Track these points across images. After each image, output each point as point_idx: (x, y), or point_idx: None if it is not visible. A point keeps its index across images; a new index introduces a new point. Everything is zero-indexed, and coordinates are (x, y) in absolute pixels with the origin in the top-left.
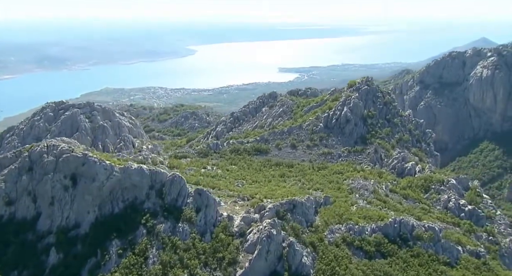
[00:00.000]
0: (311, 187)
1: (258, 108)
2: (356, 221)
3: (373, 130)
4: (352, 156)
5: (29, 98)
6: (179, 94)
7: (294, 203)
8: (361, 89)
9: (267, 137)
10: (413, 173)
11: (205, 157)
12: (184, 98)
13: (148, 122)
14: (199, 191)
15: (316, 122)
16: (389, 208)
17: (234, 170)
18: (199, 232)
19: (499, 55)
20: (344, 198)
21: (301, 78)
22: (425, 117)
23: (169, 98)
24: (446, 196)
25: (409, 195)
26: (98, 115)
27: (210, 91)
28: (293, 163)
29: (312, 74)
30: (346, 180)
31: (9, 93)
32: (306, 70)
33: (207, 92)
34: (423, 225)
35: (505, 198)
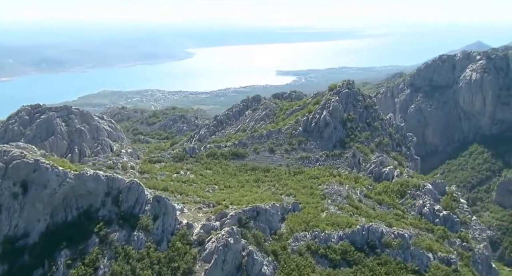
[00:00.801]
0: (284, 193)
1: (242, 111)
2: (323, 228)
3: (353, 134)
4: (330, 161)
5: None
6: (177, 96)
7: (258, 210)
8: (342, 93)
9: (245, 141)
10: (390, 177)
11: (180, 162)
12: (182, 101)
13: (137, 125)
14: (158, 198)
15: (295, 126)
16: (360, 214)
17: (208, 175)
18: (155, 241)
19: (488, 59)
20: (315, 204)
21: (298, 81)
22: (416, 120)
23: (166, 100)
24: (421, 201)
25: (383, 200)
26: (76, 119)
27: (207, 93)
28: (270, 168)
29: (310, 77)
30: (321, 185)
31: (6, 95)
32: (303, 73)
33: (205, 94)
34: (393, 232)
35: (493, 201)
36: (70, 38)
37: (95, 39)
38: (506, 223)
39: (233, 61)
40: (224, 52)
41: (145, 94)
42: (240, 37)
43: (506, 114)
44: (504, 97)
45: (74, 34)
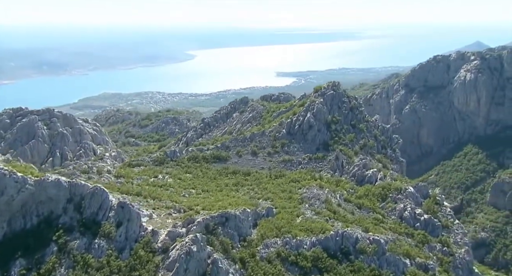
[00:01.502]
0: (261, 197)
1: (229, 113)
2: (295, 234)
3: (337, 136)
4: (312, 163)
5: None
6: (177, 98)
7: (227, 216)
8: (326, 94)
9: (228, 144)
10: (373, 180)
11: (160, 166)
12: (181, 103)
13: (129, 128)
14: (122, 204)
15: (279, 129)
16: (337, 219)
17: (187, 179)
18: (117, 249)
19: (482, 59)
20: (291, 208)
21: (298, 82)
22: (410, 121)
23: (166, 102)
24: (402, 205)
25: (363, 204)
26: (58, 122)
27: (207, 95)
28: (251, 171)
29: (309, 78)
30: (301, 189)
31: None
32: (303, 74)
33: (204, 96)
34: (368, 238)
35: (487, 202)
36: (71, 41)
37: (95, 41)
38: (500, 225)
39: (233, 62)
40: (224, 54)
41: (145, 96)
42: (240, 38)
43: (501, 115)
44: (499, 97)
45: (75, 37)
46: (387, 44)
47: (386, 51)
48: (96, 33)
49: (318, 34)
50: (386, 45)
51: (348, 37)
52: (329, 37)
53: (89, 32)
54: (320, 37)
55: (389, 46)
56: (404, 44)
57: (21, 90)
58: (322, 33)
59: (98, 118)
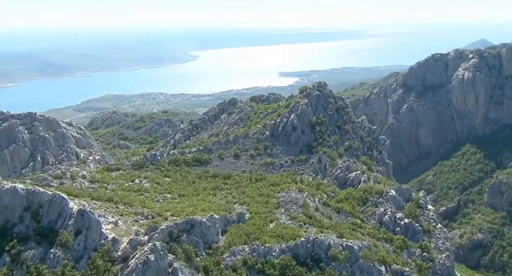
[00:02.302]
0: (238, 201)
1: (217, 115)
2: (264, 241)
3: (321, 138)
4: (295, 166)
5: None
6: (179, 99)
7: (192, 223)
8: (311, 95)
9: (211, 146)
10: (356, 183)
11: (140, 169)
12: (183, 103)
13: (123, 130)
14: (81, 211)
15: (263, 130)
16: (312, 224)
17: (164, 183)
18: (74, 259)
19: (481, 57)
20: (266, 213)
21: (300, 82)
22: (408, 121)
23: (169, 103)
24: (382, 209)
25: (342, 208)
26: (40, 126)
27: (209, 96)
28: (231, 175)
29: (312, 78)
30: (280, 192)
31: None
32: (306, 73)
33: (207, 97)
34: (341, 244)
35: (484, 203)
36: (74, 43)
37: (98, 43)
38: (497, 226)
39: (236, 63)
40: (227, 54)
41: (147, 97)
42: (243, 39)
43: (499, 114)
44: (497, 96)
45: (78, 39)
46: (391, 43)
47: (390, 50)
48: (99, 34)
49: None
50: (390, 44)
51: (351, 36)
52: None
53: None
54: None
55: (392, 45)
56: (408, 43)
57: (24, 92)
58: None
59: (95, 121)
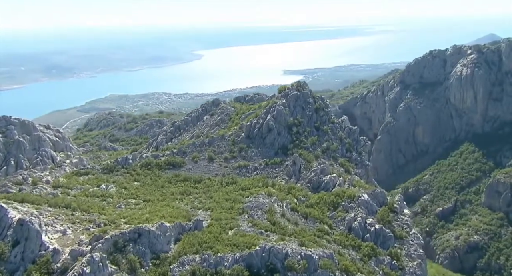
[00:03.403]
0: (202, 207)
1: (200, 116)
2: (217, 250)
3: (298, 139)
4: (268, 169)
5: (35, 106)
6: (182, 99)
7: (140, 232)
8: (290, 95)
9: (185, 149)
10: (330, 187)
11: (109, 173)
12: (187, 103)
13: (114, 131)
14: (21, 221)
15: (238, 132)
16: (274, 231)
17: (132, 188)
18: (9, 271)
19: (479, 53)
20: (228, 220)
21: (305, 79)
22: (405, 119)
23: (172, 103)
24: (352, 214)
25: (310, 214)
26: (15, 129)
27: (213, 95)
28: (202, 178)
29: (317, 76)
30: (249, 197)
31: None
32: (311, 71)
33: (211, 96)
34: (300, 253)
35: (482, 203)
36: (79, 44)
37: (103, 44)
38: (494, 227)
39: (240, 62)
40: (232, 53)
41: (151, 97)
42: (247, 37)
43: (499, 111)
44: (497, 93)
45: (83, 40)
46: (398, 39)
47: (396, 46)
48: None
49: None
50: (397, 40)
51: (358, 33)
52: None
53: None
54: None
55: (399, 41)
56: (415, 38)
57: (30, 94)
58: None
59: (90, 122)
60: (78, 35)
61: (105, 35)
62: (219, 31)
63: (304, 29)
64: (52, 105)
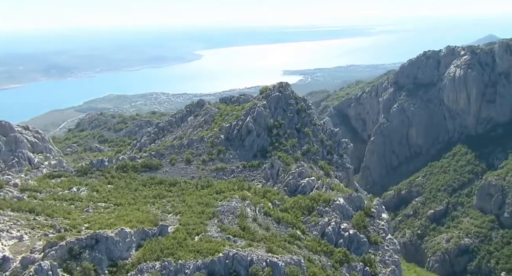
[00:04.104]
0: (173, 211)
1: (185, 117)
2: (178, 257)
3: (277, 141)
4: (246, 172)
5: (33, 106)
6: (181, 99)
7: (97, 238)
8: (271, 96)
9: (163, 151)
10: (308, 190)
11: (83, 176)
12: (185, 103)
13: (103, 132)
14: None
15: (218, 134)
16: (243, 237)
17: (104, 191)
18: None
19: (472, 54)
20: (195, 225)
21: (304, 80)
22: (399, 120)
23: (171, 103)
24: (326, 219)
25: (283, 218)
26: None
27: (212, 95)
28: (178, 181)
29: (316, 76)
30: (222, 201)
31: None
32: (310, 72)
33: (209, 96)
34: (266, 259)
35: (474, 206)
36: (78, 44)
37: (102, 44)
38: (485, 230)
39: (240, 61)
40: (232, 53)
41: (149, 97)
42: (247, 37)
43: (492, 113)
44: (490, 94)
45: (82, 40)
46: (398, 39)
47: (396, 46)
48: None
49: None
50: (397, 40)
51: (358, 34)
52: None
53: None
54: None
55: (399, 41)
56: (415, 38)
57: (29, 93)
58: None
59: (82, 122)
60: (78, 35)
61: (105, 35)
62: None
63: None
64: (50, 105)
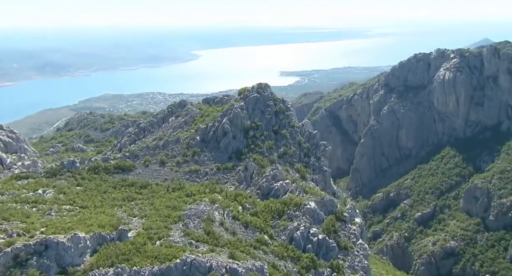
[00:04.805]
0: (139, 214)
1: (166, 118)
2: (134, 263)
3: (254, 143)
4: (220, 174)
5: (27, 105)
6: (177, 99)
7: (47, 243)
8: (249, 97)
9: (138, 152)
10: (281, 194)
11: (52, 177)
12: None
13: (89, 132)
14: None
15: (194, 135)
16: (206, 241)
17: (72, 193)
18: None
19: (461, 57)
20: (158, 229)
21: (301, 81)
22: (389, 122)
23: (167, 103)
24: (295, 223)
25: (251, 222)
26: None
27: (208, 95)
28: (150, 183)
29: (313, 78)
30: (192, 204)
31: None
32: (307, 73)
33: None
34: (226, 266)
35: (460, 208)
36: (74, 42)
37: (98, 43)
38: (470, 233)
39: (237, 62)
40: (229, 54)
41: (145, 97)
42: (245, 38)
43: (480, 116)
44: (478, 97)
45: (78, 38)
46: (395, 42)
47: (394, 49)
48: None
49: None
50: (394, 43)
51: (356, 36)
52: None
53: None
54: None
55: (397, 44)
56: (412, 41)
57: (23, 91)
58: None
59: (71, 121)
60: (74, 33)
61: (102, 33)
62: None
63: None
64: (45, 104)
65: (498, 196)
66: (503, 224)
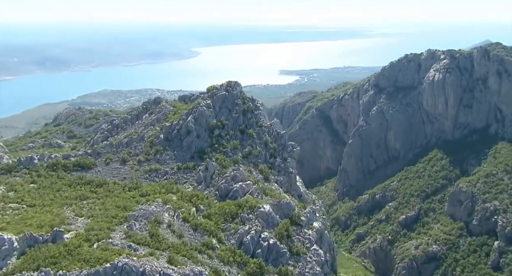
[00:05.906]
0: (86, 214)
1: (140, 115)
2: (61, 266)
3: (218, 143)
4: (180, 174)
5: (25, 99)
6: (175, 96)
7: None
8: (216, 95)
9: (100, 150)
10: (239, 195)
11: (7, 174)
12: None
13: (73, 127)
14: None
15: (159, 133)
16: (148, 244)
17: (23, 191)
18: None
19: (452, 58)
20: (100, 231)
21: (300, 80)
22: (377, 123)
23: None
24: (247, 227)
25: (201, 225)
26: None
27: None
28: (107, 182)
29: (313, 77)
30: (144, 204)
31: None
32: (307, 72)
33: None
34: (160, 271)
35: (444, 212)
36: (74, 37)
37: (99, 38)
38: (453, 237)
39: (238, 60)
40: (230, 51)
41: (144, 93)
42: (245, 36)
43: (469, 118)
44: (467, 99)
45: (79, 33)
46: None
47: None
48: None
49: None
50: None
51: (357, 35)
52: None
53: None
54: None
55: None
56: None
57: (23, 86)
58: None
59: (59, 116)
60: (76, 29)
61: (103, 29)
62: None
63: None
64: (44, 98)
65: (482, 201)
66: (486, 229)
